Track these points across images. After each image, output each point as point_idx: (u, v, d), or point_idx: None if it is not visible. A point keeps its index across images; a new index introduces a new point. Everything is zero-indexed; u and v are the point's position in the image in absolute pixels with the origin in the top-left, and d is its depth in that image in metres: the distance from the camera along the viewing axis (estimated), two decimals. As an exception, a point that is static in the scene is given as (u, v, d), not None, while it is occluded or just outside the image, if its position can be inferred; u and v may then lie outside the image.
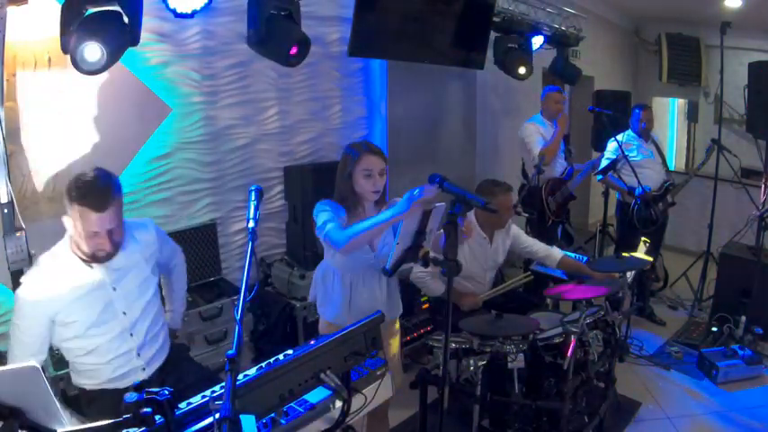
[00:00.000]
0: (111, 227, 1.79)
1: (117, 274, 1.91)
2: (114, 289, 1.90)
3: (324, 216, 2.16)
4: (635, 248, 3.35)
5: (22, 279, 1.85)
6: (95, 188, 1.75)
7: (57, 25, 2.26)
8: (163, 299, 2.25)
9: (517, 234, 3.28)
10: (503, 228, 3.17)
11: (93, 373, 1.94)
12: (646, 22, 7.01)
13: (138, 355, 1.97)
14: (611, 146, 4.36)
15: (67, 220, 1.81)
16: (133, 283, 1.96)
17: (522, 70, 4.36)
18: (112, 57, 2.30)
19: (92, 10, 2.22)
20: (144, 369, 1.99)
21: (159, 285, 2.15)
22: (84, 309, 1.85)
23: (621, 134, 4.51)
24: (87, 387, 1.97)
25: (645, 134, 4.45)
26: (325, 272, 2.36)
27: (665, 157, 4.54)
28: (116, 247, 1.87)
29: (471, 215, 3.11)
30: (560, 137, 4.30)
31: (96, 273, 1.87)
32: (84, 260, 1.86)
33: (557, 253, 3.24)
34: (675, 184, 4.47)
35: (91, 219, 1.74)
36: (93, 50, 2.22)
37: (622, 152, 4.18)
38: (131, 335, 1.94)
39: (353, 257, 2.23)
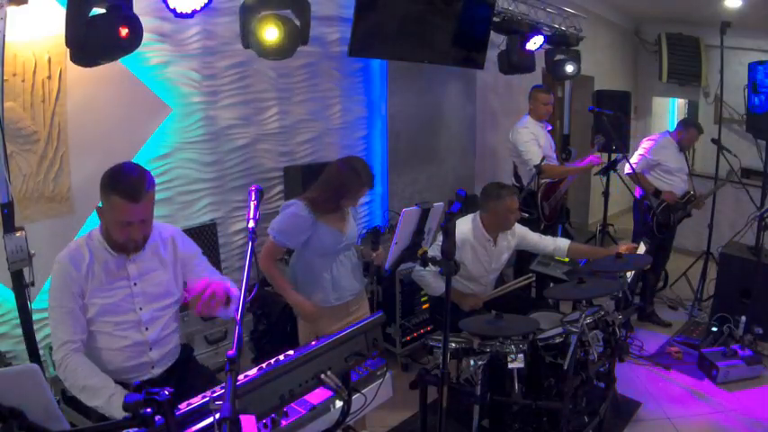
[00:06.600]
0: (143, 218, 1.86)
1: (139, 271, 1.96)
2: (135, 284, 1.95)
3: (279, 225, 2.50)
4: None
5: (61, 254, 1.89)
6: (131, 180, 1.81)
7: (57, 25, 2.26)
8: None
9: (523, 233, 3.29)
10: (508, 230, 3.18)
11: (103, 358, 1.92)
12: (646, 22, 7.02)
13: (151, 349, 1.98)
14: (648, 144, 4.40)
15: (100, 210, 1.87)
16: (153, 284, 1.99)
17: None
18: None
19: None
20: (153, 367, 2.00)
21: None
22: (105, 294, 1.89)
23: (661, 135, 4.48)
24: None
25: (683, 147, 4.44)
26: (306, 261, 2.61)
27: (690, 167, 4.52)
28: (145, 239, 1.94)
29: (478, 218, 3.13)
30: (574, 173, 4.38)
31: (122, 265, 1.93)
32: (112, 249, 1.91)
33: (564, 243, 3.29)
34: (696, 195, 4.46)
35: (125, 209, 1.80)
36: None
37: (647, 153, 4.31)
38: (146, 329, 1.96)
39: (329, 245, 2.54)
